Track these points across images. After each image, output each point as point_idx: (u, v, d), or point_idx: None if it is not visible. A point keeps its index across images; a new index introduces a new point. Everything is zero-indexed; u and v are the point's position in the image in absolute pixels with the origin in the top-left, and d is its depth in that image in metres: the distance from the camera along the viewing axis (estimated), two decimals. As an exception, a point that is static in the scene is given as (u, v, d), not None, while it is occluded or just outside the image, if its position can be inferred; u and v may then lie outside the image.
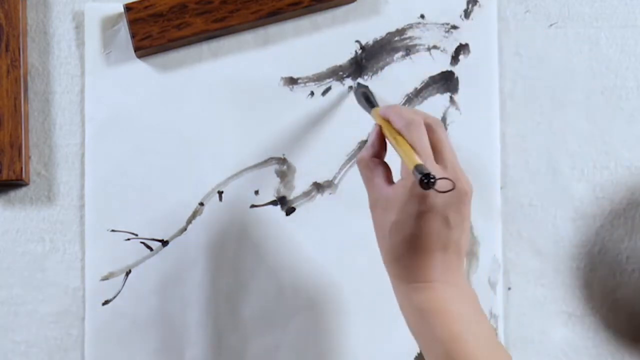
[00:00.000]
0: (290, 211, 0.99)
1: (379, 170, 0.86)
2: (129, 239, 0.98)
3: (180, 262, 0.98)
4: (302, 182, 0.99)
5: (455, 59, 1.00)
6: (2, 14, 0.97)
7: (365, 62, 1.00)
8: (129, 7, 0.97)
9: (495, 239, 0.99)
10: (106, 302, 0.98)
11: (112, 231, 0.98)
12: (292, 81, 0.99)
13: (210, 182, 0.99)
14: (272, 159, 0.99)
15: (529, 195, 1.00)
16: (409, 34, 1.00)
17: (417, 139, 0.84)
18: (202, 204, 0.98)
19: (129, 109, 0.99)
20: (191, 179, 0.99)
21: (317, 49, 1.00)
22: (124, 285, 0.98)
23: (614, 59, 1.01)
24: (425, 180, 0.78)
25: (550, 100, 1.00)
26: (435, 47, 1.00)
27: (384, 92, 0.99)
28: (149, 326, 0.98)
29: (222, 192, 0.99)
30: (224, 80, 0.99)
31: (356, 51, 1.00)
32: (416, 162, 0.80)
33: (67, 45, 0.99)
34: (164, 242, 0.98)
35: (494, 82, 1.00)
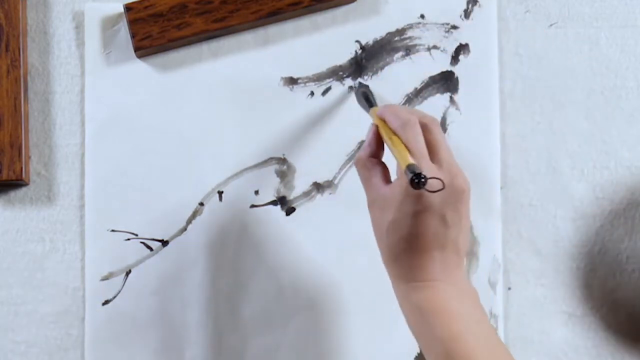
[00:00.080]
0: (290, 211, 0.99)
1: (377, 170, 0.86)
2: (129, 239, 0.98)
3: (180, 262, 0.98)
4: (302, 182, 0.99)
5: (455, 59, 1.00)
6: (2, 14, 0.97)
7: (365, 62, 1.00)
8: (129, 7, 0.97)
9: (495, 239, 0.99)
10: (106, 302, 0.98)
11: (112, 231, 0.98)
12: (292, 81, 0.99)
13: (210, 182, 0.99)
14: (272, 159, 0.99)
15: (529, 195, 1.00)
16: (409, 34, 1.00)
17: (412, 139, 0.84)
18: (202, 204, 0.98)
19: (129, 109, 0.99)
20: (191, 179, 0.99)
21: (317, 49, 1.00)
22: (124, 285, 0.98)
23: (614, 59, 1.01)
24: (415, 179, 0.78)
25: (550, 100, 1.00)
26: (435, 47, 1.00)
27: (384, 92, 0.99)
28: (149, 326, 0.98)
29: (222, 192, 0.99)
30: (224, 80, 0.99)
31: (356, 51, 1.00)
32: (408, 162, 0.80)
33: (67, 45, 0.99)
34: (164, 242, 0.98)
35: (494, 82, 1.00)
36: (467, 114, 1.00)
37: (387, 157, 0.87)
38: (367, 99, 0.95)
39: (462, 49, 1.00)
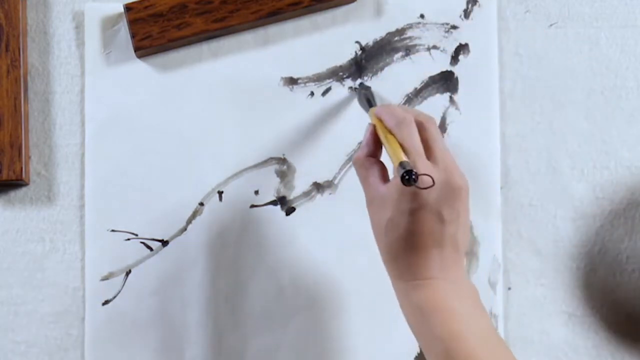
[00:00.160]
0: (290, 211, 0.99)
1: (374, 169, 0.87)
2: (129, 239, 0.98)
3: (180, 262, 0.98)
4: (302, 182, 0.99)
5: (455, 59, 1.00)
6: (2, 14, 0.97)
7: (365, 62, 1.00)
8: (129, 7, 0.97)
9: (495, 239, 0.99)
10: (106, 302, 0.98)
11: (112, 231, 0.98)
12: (292, 81, 0.99)
13: (210, 182, 0.99)
14: (272, 159, 0.99)
15: (529, 195, 1.00)
16: (409, 34, 1.00)
17: (407, 137, 0.84)
18: (202, 204, 0.98)
19: (129, 109, 0.99)
20: (191, 179, 0.99)
21: (317, 49, 1.00)
22: (124, 285, 0.98)
23: (614, 59, 1.01)
24: (406, 176, 0.78)
25: (550, 100, 1.00)
26: (435, 47, 1.00)
27: (384, 92, 0.99)
28: (149, 326, 0.98)
29: (222, 192, 0.99)
30: (224, 80, 0.99)
31: (356, 51, 1.00)
32: (401, 160, 0.80)
33: (67, 45, 0.99)
34: (164, 242, 0.98)
35: (494, 82, 1.00)
36: (467, 114, 1.00)
37: (386, 157, 0.87)
38: (367, 101, 0.95)
39: (462, 49, 1.00)
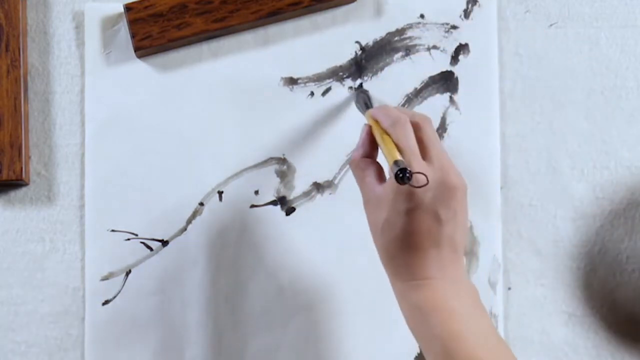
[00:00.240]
0: (290, 211, 0.99)
1: (371, 169, 0.87)
2: (129, 239, 0.98)
3: (180, 262, 0.98)
4: (302, 182, 0.99)
5: (455, 59, 1.00)
6: (2, 14, 0.97)
7: (365, 62, 1.00)
8: (129, 7, 0.97)
9: (495, 239, 0.99)
10: (106, 302, 0.98)
11: (112, 231, 0.98)
12: (292, 81, 0.99)
13: (210, 182, 0.99)
14: (272, 159, 0.99)
15: (529, 195, 1.00)
16: (409, 34, 1.00)
17: (402, 137, 0.84)
18: (202, 204, 0.98)
19: (129, 109, 0.99)
20: (191, 179, 0.99)
21: (317, 49, 1.00)
22: (124, 285, 0.98)
23: (614, 59, 1.01)
24: (400, 174, 0.78)
25: (550, 100, 1.00)
26: (435, 47, 1.00)
27: (384, 92, 0.99)
28: (149, 326, 0.98)
29: (222, 192, 0.99)
30: (224, 80, 0.99)
31: (356, 52, 1.00)
32: (395, 159, 0.80)
33: (67, 45, 0.99)
34: (164, 242, 0.98)
35: (493, 82, 1.00)
36: (467, 114, 1.00)
37: (382, 158, 0.87)
38: (365, 104, 0.96)
39: (462, 49, 1.00)
